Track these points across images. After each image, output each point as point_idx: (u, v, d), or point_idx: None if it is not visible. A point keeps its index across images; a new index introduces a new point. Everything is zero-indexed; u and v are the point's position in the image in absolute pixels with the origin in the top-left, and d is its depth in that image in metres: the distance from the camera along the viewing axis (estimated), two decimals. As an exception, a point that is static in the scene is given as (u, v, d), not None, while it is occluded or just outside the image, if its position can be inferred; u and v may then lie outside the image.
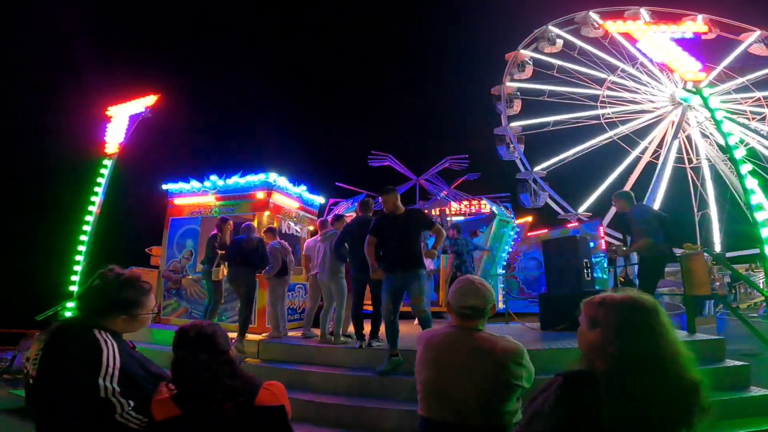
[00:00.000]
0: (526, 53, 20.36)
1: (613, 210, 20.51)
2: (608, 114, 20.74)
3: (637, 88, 21.01)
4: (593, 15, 19.84)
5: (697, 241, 19.55)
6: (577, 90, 20.63)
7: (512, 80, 20.35)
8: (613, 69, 20.81)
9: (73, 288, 7.29)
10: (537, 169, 19.78)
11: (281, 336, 5.97)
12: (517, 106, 20.18)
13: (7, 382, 6.44)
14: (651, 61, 19.41)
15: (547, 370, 3.82)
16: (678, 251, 6.94)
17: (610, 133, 20.65)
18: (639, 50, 18.26)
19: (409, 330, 6.37)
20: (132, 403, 1.55)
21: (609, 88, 20.92)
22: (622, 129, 20.79)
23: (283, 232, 7.70)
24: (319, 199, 9.33)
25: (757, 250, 4.76)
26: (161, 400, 1.59)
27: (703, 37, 18.52)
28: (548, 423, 1.26)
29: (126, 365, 1.59)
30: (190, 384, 1.58)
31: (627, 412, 1.18)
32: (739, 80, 20.18)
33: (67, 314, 6.26)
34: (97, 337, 1.61)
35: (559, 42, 20.15)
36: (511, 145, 19.60)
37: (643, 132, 21.37)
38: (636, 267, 5.30)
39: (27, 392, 1.62)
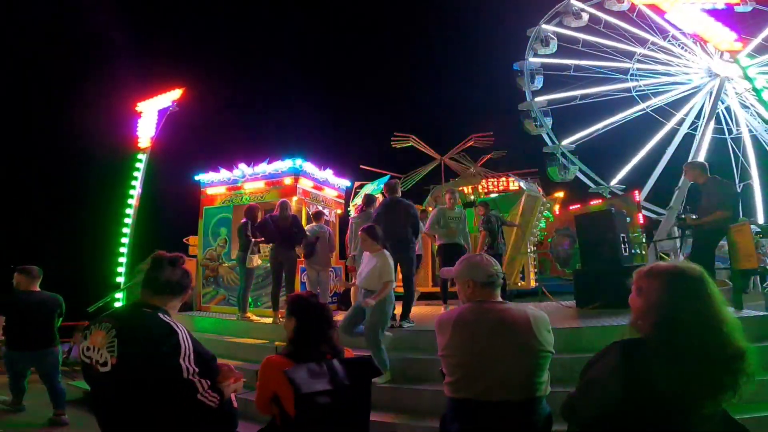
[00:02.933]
0: (549, 28, 19.58)
1: (651, 182, 19.74)
2: (640, 87, 19.76)
3: (670, 61, 19.87)
4: None
5: (739, 212, 18.62)
6: (604, 63, 19.76)
7: (536, 55, 19.68)
8: (642, 42, 19.73)
9: (120, 279, 7.67)
10: (565, 142, 19.21)
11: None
12: (539, 81, 19.58)
13: (65, 374, 6.80)
14: (683, 32, 18.28)
15: (586, 348, 3.79)
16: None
17: (642, 105, 19.72)
18: (668, 21, 17.19)
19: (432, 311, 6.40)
20: (209, 382, 1.66)
21: (639, 61, 19.88)
22: (655, 101, 19.80)
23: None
24: (345, 182, 9.37)
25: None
26: (275, 359, 1.92)
27: (739, 8, 17.29)
28: (606, 388, 1.35)
29: (196, 346, 1.70)
30: (312, 334, 1.96)
31: (673, 374, 1.25)
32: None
33: (117, 304, 6.61)
34: (167, 321, 1.70)
35: (585, 15, 19.26)
36: (537, 119, 19.09)
37: (677, 104, 20.31)
38: (694, 239, 5.11)
39: (98, 381, 1.65)
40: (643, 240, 11.82)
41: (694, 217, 4.89)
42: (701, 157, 19.09)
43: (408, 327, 4.99)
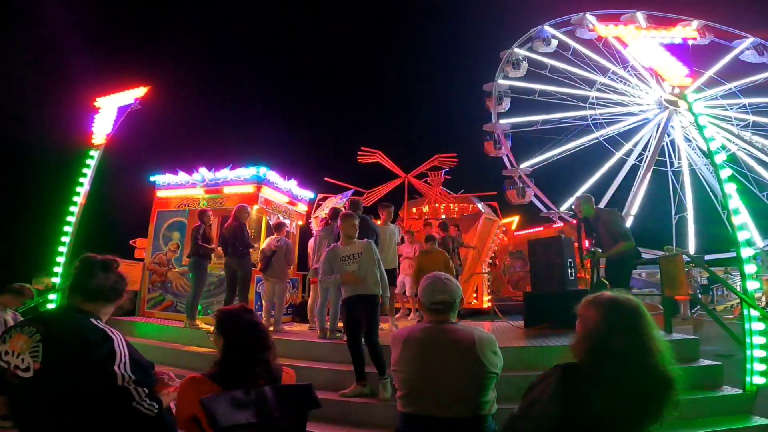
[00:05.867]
0: (521, 52, 20.54)
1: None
2: (596, 115, 21.08)
3: (626, 91, 21.36)
4: (590, 17, 20.09)
5: (673, 244, 20.08)
6: (567, 90, 20.92)
7: (506, 78, 20.53)
8: (605, 71, 21.13)
9: (56, 279, 7.14)
10: (523, 166, 20.06)
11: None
12: (506, 103, 20.40)
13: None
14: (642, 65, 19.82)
15: (533, 367, 3.95)
16: (658, 253, 7.13)
17: (596, 134, 20.97)
18: (629, 54, 18.57)
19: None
20: (146, 391, 1.60)
21: (599, 90, 21.23)
22: (608, 130, 21.15)
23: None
24: (309, 194, 9.32)
25: (731, 253, 4.88)
26: (197, 379, 1.68)
27: (697, 42, 18.95)
28: (546, 409, 1.40)
29: (132, 353, 1.64)
30: (240, 356, 1.71)
31: (602, 399, 1.32)
32: (727, 86, 20.65)
33: (50, 306, 6.16)
34: (101, 326, 1.64)
35: (554, 42, 20.37)
36: (499, 142, 19.84)
37: (629, 134, 21.78)
38: (606, 269, 5.33)
39: (17, 387, 1.53)
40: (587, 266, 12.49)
41: (600, 250, 5.09)
42: (642, 189, 20.55)
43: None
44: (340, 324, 5.40)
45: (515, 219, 16.64)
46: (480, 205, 13.38)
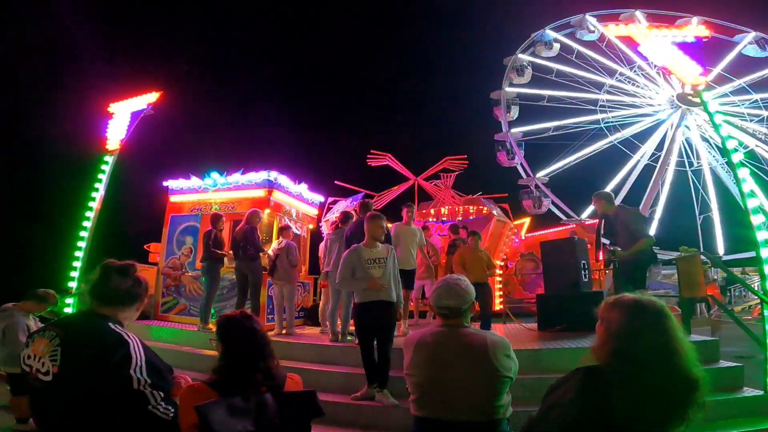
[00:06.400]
0: (525, 57, 20.21)
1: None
2: (608, 119, 20.71)
3: (636, 92, 21.00)
4: (590, 18, 19.84)
5: (700, 245, 19.52)
6: (576, 94, 20.58)
7: (511, 85, 20.22)
8: (610, 72, 20.74)
9: (72, 284, 7.28)
10: (539, 175, 19.56)
11: (280, 332, 6.12)
12: (515, 111, 20.07)
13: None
14: (649, 63, 19.50)
15: (547, 369, 3.90)
16: (674, 254, 7.00)
17: (611, 138, 20.54)
18: (638, 53, 18.26)
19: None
20: (162, 395, 1.61)
21: (608, 92, 20.86)
22: (623, 133, 20.74)
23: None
24: (319, 197, 9.36)
25: (753, 253, 4.77)
26: (195, 386, 1.63)
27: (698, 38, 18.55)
28: (567, 411, 1.37)
29: (149, 357, 1.65)
30: (239, 363, 1.66)
31: (626, 403, 1.29)
32: (736, 82, 20.25)
33: (67, 310, 6.27)
34: (117, 330, 1.66)
35: (556, 46, 20.07)
36: (512, 152, 19.49)
37: (643, 134, 21.35)
38: (619, 268, 5.14)
39: (38, 390, 1.59)
40: (603, 267, 12.30)
41: (619, 249, 4.88)
42: (665, 190, 20.11)
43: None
44: (352, 327, 5.41)
45: (527, 220, 16.47)
46: (495, 211, 13.25)
